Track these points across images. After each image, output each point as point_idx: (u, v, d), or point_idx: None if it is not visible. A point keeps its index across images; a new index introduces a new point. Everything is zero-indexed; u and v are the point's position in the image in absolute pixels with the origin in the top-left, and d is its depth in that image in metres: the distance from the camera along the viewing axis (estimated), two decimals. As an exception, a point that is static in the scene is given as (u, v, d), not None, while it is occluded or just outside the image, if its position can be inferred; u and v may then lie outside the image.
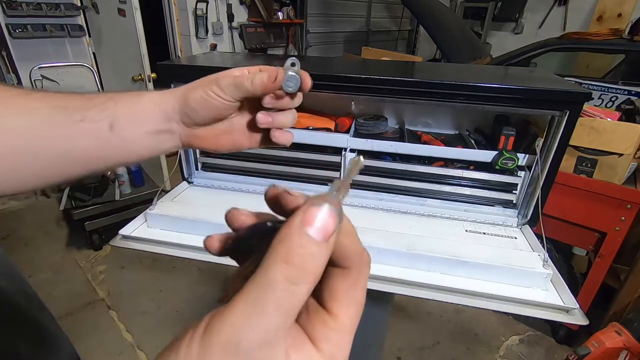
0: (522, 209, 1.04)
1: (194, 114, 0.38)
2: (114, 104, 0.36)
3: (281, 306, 0.16)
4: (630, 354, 1.29)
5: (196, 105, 0.38)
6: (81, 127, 0.34)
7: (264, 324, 0.16)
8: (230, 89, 0.37)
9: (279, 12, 3.66)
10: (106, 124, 0.35)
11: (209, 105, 0.37)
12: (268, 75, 0.36)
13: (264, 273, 0.17)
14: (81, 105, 0.35)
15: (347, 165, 0.24)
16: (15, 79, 2.34)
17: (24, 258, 2.35)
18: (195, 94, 0.38)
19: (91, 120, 0.35)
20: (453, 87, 0.90)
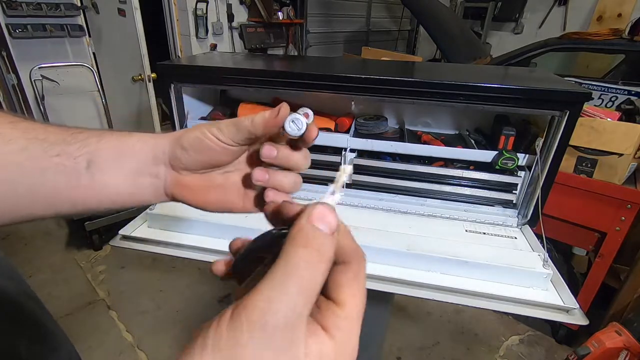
0: (522, 209, 1.04)
1: (185, 155, 0.33)
2: (97, 140, 0.33)
3: (303, 286, 0.19)
4: (630, 354, 1.29)
5: (189, 145, 0.33)
6: (56, 161, 0.31)
7: (289, 303, 0.18)
8: (229, 129, 0.33)
9: (279, 12, 3.66)
10: (84, 161, 0.32)
11: (203, 146, 0.33)
12: (269, 112, 0.32)
13: (286, 259, 0.20)
14: (62, 139, 0.32)
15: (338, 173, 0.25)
16: (15, 79, 2.34)
17: (24, 258, 2.35)
18: (190, 134, 0.33)
19: (68, 156, 0.32)
20: (453, 87, 0.90)
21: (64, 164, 0.31)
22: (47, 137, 0.32)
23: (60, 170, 0.31)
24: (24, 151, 0.31)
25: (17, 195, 0.31)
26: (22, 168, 0.31)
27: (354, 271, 0.23)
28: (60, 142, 0.32)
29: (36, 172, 0.31)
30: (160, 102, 2.68)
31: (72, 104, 2.70)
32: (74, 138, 0.33)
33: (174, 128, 1.13)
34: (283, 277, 0.19)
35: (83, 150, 0.32)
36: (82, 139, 0.33)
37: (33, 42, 2.37)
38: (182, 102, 1.10)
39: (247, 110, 1.19)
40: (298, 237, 0.20)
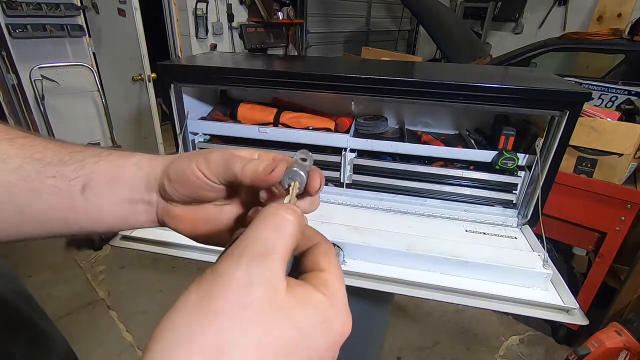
0: (522, 209, 1.04)
1: (170, 187, 0.31)
2: (95, 162, 0.32)
3: (275, 230, 0.22)
4: (630, 354, 1.29)
5: (174, 177, 0.31)
6: (50, 183, 0.30)
7: (265, 239, 0.22)
8: (217, 166, 0.30)
9: (279, 12, 3.66)
10: (79, 184, 0.31)
11: (187, 180, 0.30)
12: (265, 165, 0.28)
13: (260, 216, 0.23)
14: (59, 159, 0.31)
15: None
16: (15, 79, 2.34)
17: (24, 258, 2.35)
18: (178, 164, 0.31)
19: (64, 178, 0.30)
20: (453, 87, 0.90)
21: (58, 186, 0.30)
22: (44, 157, 0.31)
23: (54, 192, 0.30)
24: (18, 170, 0.30)
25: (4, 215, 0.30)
26: (11, 187, 0.30)
27: (325, 245, 0.27)
28: (57, 162, 0.31)
29: (27, 193, 0.30)
30: (160, 102, 2.68)
31: (72, 104, 2.70)
32: (72, 158, 0.31)
33: (174, 128, 1.13)
34: (256, 222, 0.23)
35: (80, 172, 0.31)
36: (79, 159, 0.31)
37: (33, 42, 2.37)
38: (182, 102, 1.10)
39: (247, 110, 1.20)
40: (271, 206, 0.24)
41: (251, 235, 0.22)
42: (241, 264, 0.20)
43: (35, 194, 0.30)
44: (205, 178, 0.30)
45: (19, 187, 0.30)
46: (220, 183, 0.30)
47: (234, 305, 0.19)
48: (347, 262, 0.90)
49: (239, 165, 0.29)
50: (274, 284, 0.20)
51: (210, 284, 0.20)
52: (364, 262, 0.90)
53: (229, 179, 0.30)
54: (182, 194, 0.31)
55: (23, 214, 0.30)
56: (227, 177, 0.30)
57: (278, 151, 1.14)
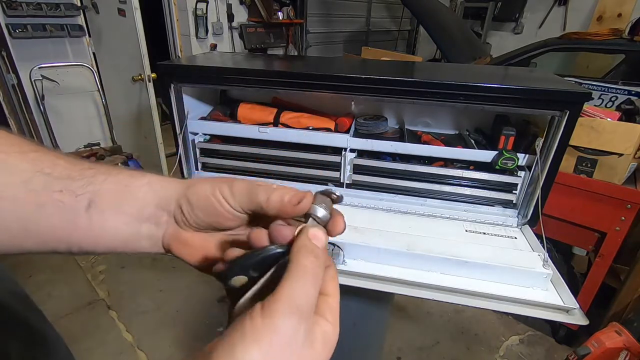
0: (522, 209, 1.04)
1: (190, 211, 0.31)
2: (104, 179, 0.31)
3: (313, 282, 0.25)
4: (630, 354, 1.29)
5: (197, 201, 0.31)
6: (56, 197, 0.30)
7: (308, 293, 0.24)
8: (241, 195, 0.30)
9: (279, 12, 3.66)
10: (85, 200, 0.30)
11: (211, 209, 0.30)
12: (291, 195, 0.29)
13: (297, 265, 0.25)
14: (68, 174, 0.31)
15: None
16: (15, 79, 2.34)
17: (24, 258, 2.35)
18: (200, 188, 0.31)
19: (70, 194, 0.30)
20: (453, 87, 0.90)
21: (62, 201, 0.30)
22: (52, 172, 0.30)
23: (59, 207, 0.30)
24: (26, 184, 0.29)
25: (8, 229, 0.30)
26: (17, 202, 0.29)
27: (333, 271, 0.29)
28: (65, 177, 0.30)
29: (31, 207, 0.30)
30: (160, 102, 2.68)
31: (72, 104, 2.70)
32: (81, 174, 0.31)
33: (174, 128, 1.13)
34: (299, 276, 0.24)
35: (87, 189, 0.31)
36: (89, 175, 0.31)
37: (33, 42, 2.37)
38: (182, 102, 1.10)
39: (247, 110, 1.20)
40: (303, 250, 0.26)
41: (299, 291, 0.24)
42: (296, 319, 0.23)
43: (40, 209, 0.30)
44: (229, 207, 0.30)
45: (26, 201, 0.29)
46: (243, 212, 0.31)
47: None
48: (347, 262, 0.90)
49: (264, 195, 0.29)
50: (313, 329, 0.24)
51: (271, 344, 0.22)
52: (364, 262, 0.90)
53: (253, 208, 0.30)
54: (202, 220, 0.31)
55: (27, 230, 0.30)
56: (252, 207, 0.30)
57: (278, 151, 1.14)
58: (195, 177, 0.33)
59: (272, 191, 0.29)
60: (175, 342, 1.86)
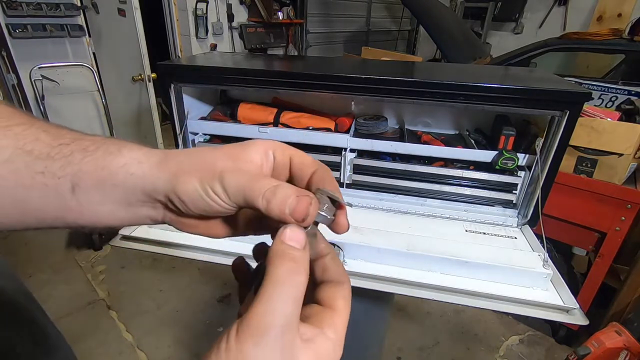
0: (522, 209, 1.04)
1: (183, 207, 0.29)
2: (81, 158, 0.28)
3: (288, 294, 0.23)
4: (630, 354, 1.29)
5: (188, 200, 0.28)
6: (39, 180, 0.28)
7: (281, 310, 0.22)
8: (236, 194, 0.27)
9: (279, 12, 3.66)
10: (68, 183, 0.28)
11: (205, 206, 0.28)
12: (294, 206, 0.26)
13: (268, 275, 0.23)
14: (46, 153, 0.28)
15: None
16: (15, 79, 2.33)
17: (24, 258, 2.35)
18: (188, 185, 0.28)
19: (52, 176, 0.28)
20: (453, 87, 0.90)
21: (47, 184, 0.28)
22: (33, 149, 0.28)
23: (44, 190, 0.28)
24: (8, 163, 0.27)
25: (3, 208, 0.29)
26: (3, 181, 0.28)
27: (347, 289, 0.29)
28: (45, 156, 0.28)
29: (19, 189, 0.28)
30: (160, 102, 2.68)
31: (72, 104, 2.70)
32: (60, 153, 0.28)
33: (174, 128, 1.13)
34: (270, 290, 0.23)
35: (67, 170, 0.28)
36: (66, 154, 0.28)
37: (33, 42, 2.37)
38: (182, 102, 1.10)
39: (247, 110, 1.20)
40: (276, 256, 0.24)
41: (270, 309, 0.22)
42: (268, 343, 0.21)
43: (28, 190, 0.28)
44: (225, 204, 0.28)
45: (12, 181, 0.28)
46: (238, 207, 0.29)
47: None
48: (347, 262, 0.90)
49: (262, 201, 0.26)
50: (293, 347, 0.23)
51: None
52: (364, 262, 0.90)
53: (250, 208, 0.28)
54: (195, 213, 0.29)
55: (21, 209, 0.29)
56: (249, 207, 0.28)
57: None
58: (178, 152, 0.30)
59: (272, 196, 0.26)
60: (175, 342, 1.86)
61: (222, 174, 0.27)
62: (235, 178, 0.27)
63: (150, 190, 0.29)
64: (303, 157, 0.31)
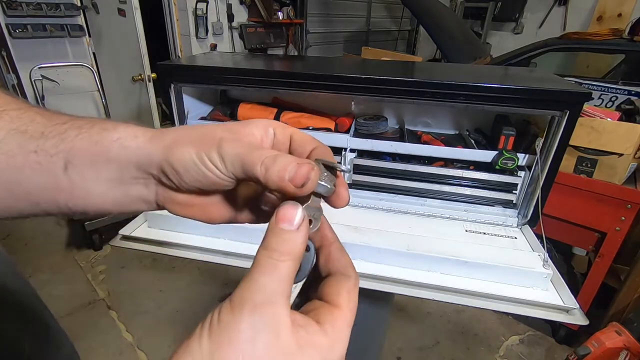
0: (522, 209, 1.04)
1: (177, 178, 0.28)
2: (75, 135, 0.28)
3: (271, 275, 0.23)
4: (630, 354, 1.29)
5: (182, 169, 0.27)
6: (32, 159, 0.27)
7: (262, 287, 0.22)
8: (233, 163, 0.26)
9: (279, 12, 3.66)
10: (60, 161, 0.28)
11: (200, 176, 0.27)
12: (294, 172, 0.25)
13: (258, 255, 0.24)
14: (40, 132, 0.28)
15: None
16: (15, 79, 2.33)
17: (24, 258, 2.35)
18: (184, 153, 0.27)
19: (45, 154, 0.27)
20: (453, 87, 0.90)
21: (39, 162, 0.27)
22: (27, 129, 0.28)
23: (37, 169, 0.28)
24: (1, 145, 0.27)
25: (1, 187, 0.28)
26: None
27: (353, 284, 0.27)
28: (39, 136, 0.28)
29: (12, 169, 0.28)
30: (160, 102, 2.68)
31: (72, 104, 2.69)
32: (55, 130, 0.28)
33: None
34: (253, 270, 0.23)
35: (60, 147, 0.28)
36: (61, 132, 0.28)
37: (33, 42, 2.37)
38: (182, 102, 1.10)
39: (247, 110, 1.19)
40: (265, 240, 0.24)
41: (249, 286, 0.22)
42: (243, 316, 0.21)
43: (20, 171, 0.27)
44: (221, 174, 0.27)
45: (3, 163, 0.27)
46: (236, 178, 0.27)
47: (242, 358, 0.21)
48: (347, 262, 0.90)
49: (260, 169, 0.25)
50: (276, 330, 0.22)
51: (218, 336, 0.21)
52: (364, 262, 0.90)
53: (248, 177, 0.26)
54: (192, 186, 0.28)
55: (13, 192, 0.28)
56: (247, 177, 0.26)
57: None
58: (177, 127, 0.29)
59: (271, 162, 0.25)
60: (175, 342, 1.86)
61: (221, 142, 0.26)
62: (233, 146, 0.26)
63: (144, 162, 0.28)
64: (303, 135, 0.30)
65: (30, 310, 0.46)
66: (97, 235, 2.42)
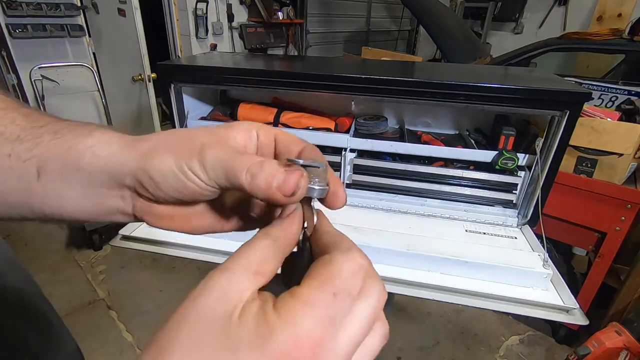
0: (522, 209, 1.04)
1: (154, 189, 0.25)
2: (49, 139, 0.26)
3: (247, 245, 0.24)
4: (630, 354, 1.29)
5: (161, 179, 0.25)
6: (6, 163, 0.26)
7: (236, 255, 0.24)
8: (216, 172, 0.24)
9: (279, 12, 3.66)
10: (33, 167, 0.26)
11: (180, 187, 0.25)
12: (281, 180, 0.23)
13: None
14: (17, 135, 0.27)
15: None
16: (15, 79, 2.33)
17: (24, 258, 2.35)
18: (162, 162, 0.25)
19: (18, 158, 0.26)
20: (453, 87, 0.90)
21: (12, 167, 0.26)
22: (5, 131, 0.26)
23: (9, 174, 0.26)
24: None
25: None
26: None
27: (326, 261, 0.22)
28: (14, 138, 0.26)
29: None
30: (160, 102, 2.68)
31: (72, 104, 2.69)
32: (31, 134, 0.26)
33: (174, 128, 1.13)
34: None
35: (34, 152, 0.26)
36: (36, 135, 0.26)
37: (33, 42, 2.37)
38: (182, 102, 1.10)
39: (247, 110, 1.19)
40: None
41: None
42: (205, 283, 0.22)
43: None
44: (203, 184, 0.25)
45: None
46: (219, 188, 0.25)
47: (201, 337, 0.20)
48: (347, 262, 0.90)
49: (246, 176, 0.23)
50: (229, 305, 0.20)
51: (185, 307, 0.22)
52: (364, 262, 0.90)
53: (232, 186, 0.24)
54: (171, 197, 0.26)
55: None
56: (231, 186, 0.24)
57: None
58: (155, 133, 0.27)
59: (258, 170, 0.23)
60: (175, 342, 1.86)
61: (202, 149, 0.24)
62: (215, 153, 0.24)
63: (116, 171, 0.26)
64: (288, 135, 0.28)
65: (36, 309, 0.46)
66: (97, 235, 2.42)
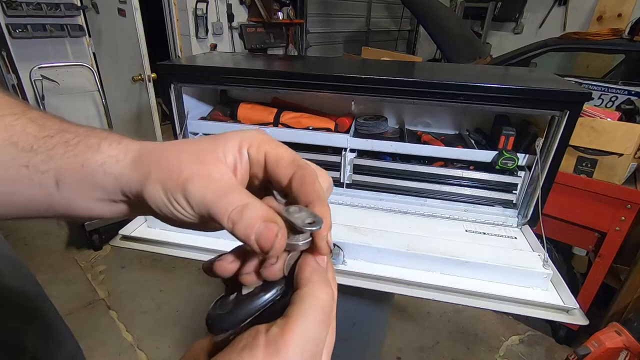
0: (522, 209, 1.04)
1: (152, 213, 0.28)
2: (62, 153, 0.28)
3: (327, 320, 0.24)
4: (630, 354, 1.29)
5: (154, 206, 0.27)
6: (24, 173, 0.27)
7: (321, 333, 0.24)
8: (200, 207, 0.25)
9: (279, 12, 3.66)
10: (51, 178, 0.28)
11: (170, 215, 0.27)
12: (259, 233, 0.24)
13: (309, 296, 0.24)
14: (30, 145, 0.28)
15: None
16: (15, 79, 2.33)
17: (24, 258, 2.33)
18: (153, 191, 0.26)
19: (36, 170, 0.27)
20: (453, 87, 0.90)
21: (32, 179, 0.27)
22: (19, 140, 0.27)
23: (29, 184, 0.27)
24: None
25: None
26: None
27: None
28: (29, 149, 0.27)
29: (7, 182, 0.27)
30: (160, 102, 2.68)
31: (72, 104, 2.70)
32: (42, 146, 0.28)
33: (174, 128, 1.13)
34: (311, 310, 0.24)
35: (50, 165, 0.27)
36: (48, 148, 0.28)
37: (33, 42, 2.37)
38: (182, 102, 1.10)
39: (247, 110, 1.19)
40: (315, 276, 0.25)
41: (313, 329, 0.23)
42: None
43: (15, 183, 0.27)
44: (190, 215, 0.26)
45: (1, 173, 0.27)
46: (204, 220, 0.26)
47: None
48: (347, 262, 0.90)
49: (228, 223, 0.24)
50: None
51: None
52: (364, 262, 0.90)
53: (215, 221, 0.25)
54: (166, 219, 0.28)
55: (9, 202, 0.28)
56: (213, 221, 0.25)
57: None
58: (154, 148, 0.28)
59: (238, 218, 0.24)
60: (175, 342, 1.86)
61: (185, 184, 0.25)
62: (199, 190, 0.25)
63: (127, 189, 0.27)
64: (279, 154, 0.28)
65: (34, 307, 0.46)
66: (97, 235, 2.42)
